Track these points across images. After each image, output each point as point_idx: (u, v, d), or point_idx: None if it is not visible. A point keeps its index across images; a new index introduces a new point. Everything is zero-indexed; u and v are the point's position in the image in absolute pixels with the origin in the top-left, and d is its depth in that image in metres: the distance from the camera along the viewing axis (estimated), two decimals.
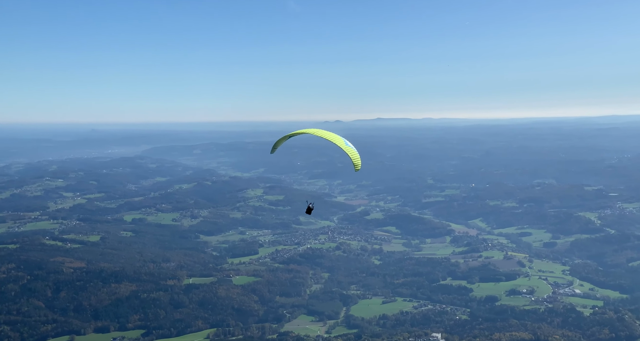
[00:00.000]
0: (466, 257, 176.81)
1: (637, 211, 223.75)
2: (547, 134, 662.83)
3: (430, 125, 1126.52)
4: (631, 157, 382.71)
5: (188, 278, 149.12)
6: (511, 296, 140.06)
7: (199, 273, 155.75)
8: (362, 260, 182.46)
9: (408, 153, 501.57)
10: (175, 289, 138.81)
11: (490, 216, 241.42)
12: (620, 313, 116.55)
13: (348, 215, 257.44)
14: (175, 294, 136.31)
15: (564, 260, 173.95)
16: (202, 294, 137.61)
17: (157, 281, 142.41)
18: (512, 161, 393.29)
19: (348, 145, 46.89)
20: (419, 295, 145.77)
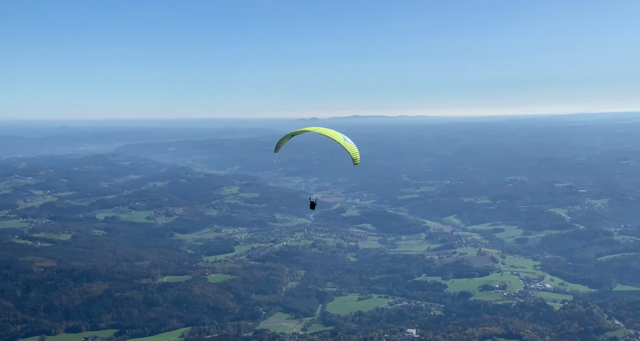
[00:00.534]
0: (441, 254, 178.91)
1: (605, 207, 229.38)
2: (519, 132, 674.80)
3: (405, 123, 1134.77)
4: (599, 154, 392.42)
5: (162, 277, 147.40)
6: (484, 292, 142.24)
7: (173, 272, 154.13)
8: (338, 257, 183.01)
9: (384, 150, 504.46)
10: (149, 288, 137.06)
11: (465, 213, 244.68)
12: (589, 307, 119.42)
13: (324, 212, 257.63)
14: (149, 293, 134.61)
15: (535, 256, 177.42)
16: (176, 293, 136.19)
17: (130, 280, 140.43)
18: (485, 158, 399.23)
19: (347, 140, 47.97)
20: (395, 292, 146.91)
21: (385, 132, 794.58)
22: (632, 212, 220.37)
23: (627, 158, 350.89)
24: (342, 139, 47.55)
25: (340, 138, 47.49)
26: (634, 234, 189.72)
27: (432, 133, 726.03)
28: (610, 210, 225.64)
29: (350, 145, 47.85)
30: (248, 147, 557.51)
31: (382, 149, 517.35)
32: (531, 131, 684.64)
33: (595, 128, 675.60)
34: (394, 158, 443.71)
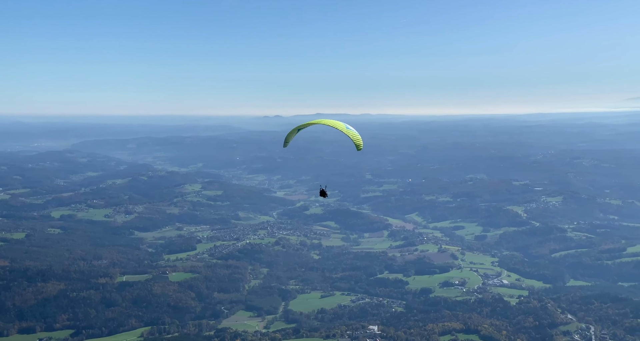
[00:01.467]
0: (403, 251, 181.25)
1: (559, 204, 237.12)
2: (478, 130, 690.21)
3: (368, 121, 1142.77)
4: (554, 153, 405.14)
5: (121, 276, 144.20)
6: (444, 288, 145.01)
7: (133, 271, 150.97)
8: (301, 254, 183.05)
9: (347, 148, 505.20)
10: (107, 287, 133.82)
11: (426, 210, 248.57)
12: (543, 302, 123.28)
13: (287, 210, 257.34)
14: (107, 292, 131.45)
15: (493, 252, 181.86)
16: (136, 292, 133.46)
17: (87, 280, 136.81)
18: (446, 156, 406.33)
19: (349, 128, 49.71)
20: (357, 289, 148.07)
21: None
22: (584, 210, 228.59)
23: (580, 158, 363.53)
24: (345, 128, 49.45)
25: (343, 127, 49.38)
26: (586, 231, 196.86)
27: (394, 131, 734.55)
28: (564, 207, 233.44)
29: (353, 132, 49.68)
30: (210, 144, 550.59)
31: (345, 147, 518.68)
32: (490, 130, 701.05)
33: (550, 128, 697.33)
34: (357, 157, 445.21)
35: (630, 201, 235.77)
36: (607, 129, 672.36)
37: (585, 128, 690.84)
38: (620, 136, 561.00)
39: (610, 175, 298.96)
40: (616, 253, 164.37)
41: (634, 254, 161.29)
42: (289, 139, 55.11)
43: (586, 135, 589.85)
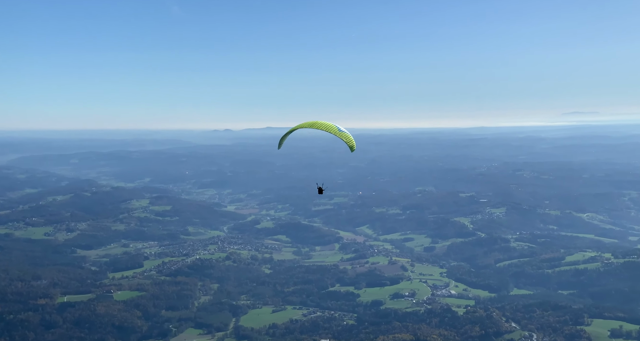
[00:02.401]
0: (354, 263, 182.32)
1: (503, 215, 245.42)
2: (426, 144, 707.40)
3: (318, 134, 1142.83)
4: (498, 166, 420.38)
5: (62, 296, 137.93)
6: (395, 300, 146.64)
7: (75, 291, 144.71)
8: (252, 269, 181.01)
9: (298, 162, 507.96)
10: (47, 308, 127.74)
11: (377, 223, 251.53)
12: (489, 311, 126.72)
13: (238, 224, 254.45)
14: (47, 314, 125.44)
15: (442, 263, 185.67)
16: (78, 312, 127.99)
17: (25, 301, 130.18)
18: (395, 169, 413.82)
19: (342, 130, 50.46)
20: (309, 303, 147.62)
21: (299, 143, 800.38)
22: (526, 220, 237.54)
23: (521, 170, 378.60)
24: (337, 130, 50.32)
25: (336, 130, 50.16)
26: (528, 241, 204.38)
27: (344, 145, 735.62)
28: (507, 218, 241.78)
29: (346, 134, 50.67)
30: (159, 158, 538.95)
31: (296, 160, 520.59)
32: (437, 143, 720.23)
33: (493, 141, 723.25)
34: (308, 170, 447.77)
35: (568, 211, 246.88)
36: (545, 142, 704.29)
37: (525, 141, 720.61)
38: (557, 149, 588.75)
39: (549, 187, 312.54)
40: (556, 262, 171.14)
41: (572, 263, 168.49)
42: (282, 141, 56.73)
43: (526, 148, 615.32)
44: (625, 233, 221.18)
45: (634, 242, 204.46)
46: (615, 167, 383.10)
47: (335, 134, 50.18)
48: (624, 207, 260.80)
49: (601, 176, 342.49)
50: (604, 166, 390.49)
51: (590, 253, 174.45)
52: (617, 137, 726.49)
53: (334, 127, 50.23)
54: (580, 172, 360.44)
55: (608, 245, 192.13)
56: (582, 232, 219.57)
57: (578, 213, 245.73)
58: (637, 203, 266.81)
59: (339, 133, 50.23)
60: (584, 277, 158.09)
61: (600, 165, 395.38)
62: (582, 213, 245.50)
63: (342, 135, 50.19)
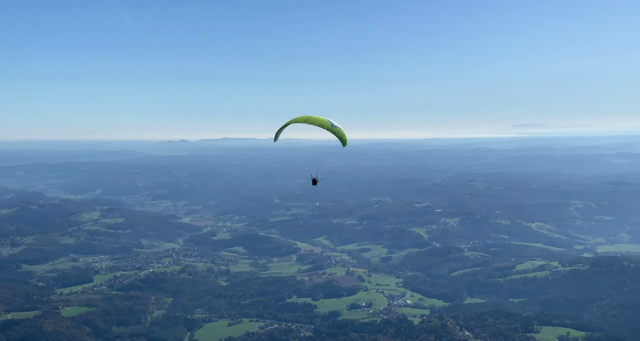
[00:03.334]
0: (311, 275, 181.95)
1: (457, 225, 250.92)
2: (382, 154, 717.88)
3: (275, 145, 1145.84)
4: (452, 176, 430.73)
5: (6, 314, 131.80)
6: (352, 310, 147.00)
7: (19, 307, 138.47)
8: (208, 282, 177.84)
9: (255, 173, 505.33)
10: None
11: (334, 233, 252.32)
12: (443, 320, 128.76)
13: (194, 236, 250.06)
14: None
15: (398, 273, 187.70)
16: (23, 330, 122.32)
17: None
18: (352, 180, 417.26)
19: (334, 126, 51.49)
20: (266, 315, 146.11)
21: (256, 154, 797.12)
22: (479, 230, 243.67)
23: (474, 180, 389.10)
24: (330, 126, 51.27)
25: (329, 125, 51.22)
26: (481, 250, 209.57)
27: (301, 155, 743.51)
28: (461, 228, 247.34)
29: (338, 129, 51.58)
30: (111, 170, 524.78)
31: (253, 172, 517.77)
32: (393, 154, 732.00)
33: (447, 152, 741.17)
34: (265, 181, 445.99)
35: (518, 221, 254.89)
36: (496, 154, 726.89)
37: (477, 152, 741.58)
38: (507, 160, 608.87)
39: (500, 197, 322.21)
40: (507, 271, 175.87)
41: (522, 271, 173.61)
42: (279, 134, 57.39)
43: (479, 159, 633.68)
44: (571, 241, 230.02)
45: (579, 251, 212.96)
46: (561, 178, 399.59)
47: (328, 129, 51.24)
48: (570, 217, 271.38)
49: (548, 187, 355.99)
50: (551, 177, 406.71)
51: (539, 261, 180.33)
52: (563, 149, 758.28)
53: (327, 122, 51.43)
54: (529, 183, 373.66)
55: (556, 254, 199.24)
56: (531, 241, 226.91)
57: (527, 222, 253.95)
58: (582, 212, 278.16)
59: (331, 129, 51.26)
60: (533, 285, 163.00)
61: (548, 176, 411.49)
62: (531, 223, 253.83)
63: (334, 130, 51.30)
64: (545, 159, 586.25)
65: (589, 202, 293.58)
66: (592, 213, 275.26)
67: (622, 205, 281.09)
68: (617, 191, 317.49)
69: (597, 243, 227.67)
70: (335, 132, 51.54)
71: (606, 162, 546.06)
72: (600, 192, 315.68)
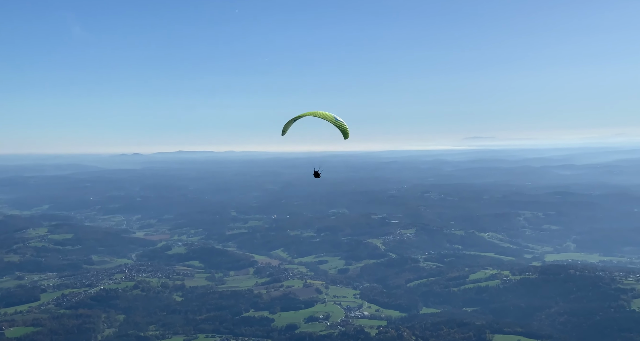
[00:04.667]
0: (268, 288, 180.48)
1: (412, 236, 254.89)
2: (339, 167, 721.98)
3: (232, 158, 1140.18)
4: (407, 188, 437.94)
5: None
6: (309, 323, 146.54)
7: None
8: (162, 297, 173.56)
9: (211, 186, 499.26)
10: None
11: (291, 246, 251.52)
12: (399, 330, 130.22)
13: (148, 251, 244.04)
14: None
15: (355, 285, 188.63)
16: None
17: None
18: (310, 192, 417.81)
19: (338, 119, 55.58)
20: (222, 330, 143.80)
21: (213, 167, 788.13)
22: (434, 240, 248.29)
23: (429, 191, 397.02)
24: (334, 119, 55.41)
25: (332, 118, 55.27)
26: (436, 260, 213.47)
27: (259, 168, 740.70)
28: (416, 238, 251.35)
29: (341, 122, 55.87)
30: (60, 184, 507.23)
31: (209, 184, 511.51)
32: (350, 166, 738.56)
33: (403, 164, 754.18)
34: (222, 194, 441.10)
35: (471, 231, 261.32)
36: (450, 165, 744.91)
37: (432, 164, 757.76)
38: (461, 171, 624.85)
39: (454, 208, 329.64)
40: (461, 281, 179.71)
41: (475, 281, 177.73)
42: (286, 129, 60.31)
43: (433, 170, 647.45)
44: (521, 251, 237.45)
45: (529, 260, 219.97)
46: (511, 189, 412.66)
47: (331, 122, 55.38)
48: (519, 227, 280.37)
49: (499, 197, 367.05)
50: (502, 188, 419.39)
51: (491, 271, 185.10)
52: (512, 161, 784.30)
53: (331, 116, 55.62)
54: (482, 194, 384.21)
55: (506, 263, 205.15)
56: (483, 250, 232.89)
57: (480, 232, 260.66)
58: (531, 222, 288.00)
59: (334, 122, 55.39)
60: (485, 294, 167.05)
61: (499, 187, 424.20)
62: (483, 233, 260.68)
63: (337, 123, 55.58)
64: (496, 170, 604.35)
65: (537, 212, 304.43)
66: (540, 223, 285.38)
67: (568, 214, 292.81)
68: (563, 201, 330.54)
69: (545, 252, 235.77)
70: (338, 125, 55.63)
71: (553, 174, 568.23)
72: (547, 203, 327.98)
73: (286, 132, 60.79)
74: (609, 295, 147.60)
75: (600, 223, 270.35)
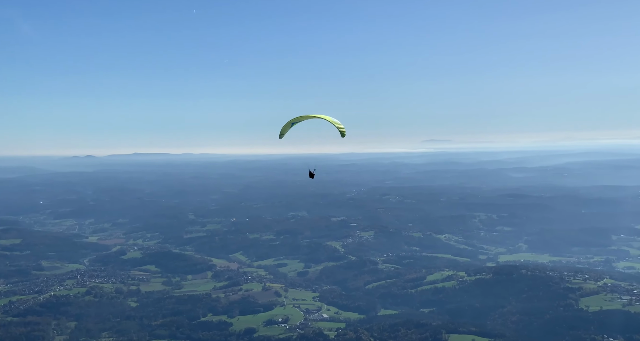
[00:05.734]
0: (227, 291, 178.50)
1: (371, 238, 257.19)
2: (299, 169, 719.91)
3: (190, 161, 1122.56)
4: (366, 190, 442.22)
5: None
6: (268, 327, 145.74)
7: None
8: (116, 303, 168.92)
9: (168, 189, 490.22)
10: None
11: (250, 249, 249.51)
12: (358, 332, 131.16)
13: (101, 255, 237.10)
14: None
15: (315, 287, 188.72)
16: None
17: None
18: (269, 195, 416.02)
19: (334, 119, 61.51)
20: (178, 335, 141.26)
21: (170, 169, 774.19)
22: (392, 242, 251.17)
23: (387, 194, 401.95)
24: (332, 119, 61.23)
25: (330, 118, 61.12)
26: (394, 262, 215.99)
27: (217, 170, 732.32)
28: (375, 241, 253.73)
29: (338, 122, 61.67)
30: (7, 188, 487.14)
31: (166, 187, 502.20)
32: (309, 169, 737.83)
33: (362, 167, 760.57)
34: (180, 197, 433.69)
35: (429, 233, 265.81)
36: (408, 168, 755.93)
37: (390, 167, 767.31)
38: (418, 174, 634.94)
39: (412, 210, 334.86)
40: (418, 282, 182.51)
41: (432, 282, 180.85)
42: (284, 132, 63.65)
43: (392, 173, 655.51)
44: (476, 252, 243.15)
45: (483, 260, 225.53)
46: (466, 191, 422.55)
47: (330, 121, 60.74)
48: (474, 228, 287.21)
49: (456, 199, 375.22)
50: (458, 190, 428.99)
51: (447, 272, 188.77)
52: (468, 163, 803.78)
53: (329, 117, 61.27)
54: (439, 196, 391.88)
55: (462, 264, 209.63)
56: (440, 252, 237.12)
57: (437, 234, 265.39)
58: (485, 224, 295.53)
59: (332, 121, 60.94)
60: (442, 295, 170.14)
61: (455, 189, 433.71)
62: (440, 235, 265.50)
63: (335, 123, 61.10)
64: (453, 173, 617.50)
65: (491, 213, 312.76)
66: (494, 225, 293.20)
67: (520, 216, 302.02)
68: (516, 203, 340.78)
69: (498, 252, 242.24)
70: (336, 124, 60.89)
71: (506, 176, 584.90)
72: (501, 204, 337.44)
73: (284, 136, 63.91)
74: (558, 294, 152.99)
75: (550, 225, 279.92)
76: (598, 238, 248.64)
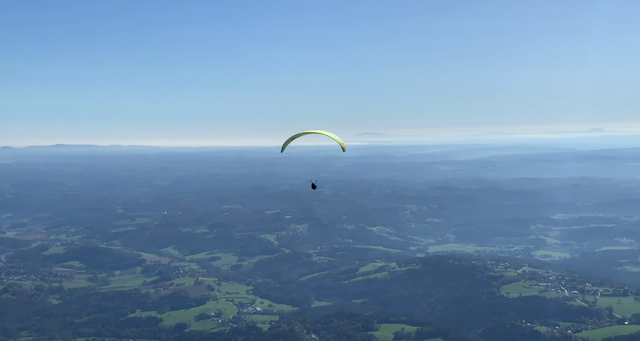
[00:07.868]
0: (157, 286, 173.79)
1: (305, 231, 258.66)
2: (232, 162, 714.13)
3: (118, 153, 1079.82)
4: (301, 183, 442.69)
5: None
6: (200, 321, 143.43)
7: None
8: (37, 301, 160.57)
9: (95, 181, 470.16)
10: None
11: (183, 243, 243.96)
12: (291, 324, 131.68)
13: (20, 251, 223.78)
14: None
15: (248, 281, 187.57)
16: None
17: None
18: (202, 188, 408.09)
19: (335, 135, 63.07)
20: (105, 333, 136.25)
21: (96, 162, 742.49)
22: (326, 235, 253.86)
23: (322, 187, 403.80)
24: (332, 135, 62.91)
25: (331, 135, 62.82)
26: (328, 255, 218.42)
27: (148, 163, 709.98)
28: (309, 233, 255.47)
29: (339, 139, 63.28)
30: None
31: (93, 180, 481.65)
32: (244, 161, 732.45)
33: (297, 160, 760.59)
34: (107, 190, 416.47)
35: (362, 225, 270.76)
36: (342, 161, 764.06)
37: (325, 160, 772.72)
38: (352, 167, 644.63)
39: (345, 203, 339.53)
40: (351, 274, 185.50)
41: (364, 273, 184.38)
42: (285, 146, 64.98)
43: (326, 166, 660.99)
44: (407, 243, 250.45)
45: (414, 251, 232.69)
46: (398, 184, 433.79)
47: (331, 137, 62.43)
48: (406, 220, 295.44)
49: (388, 192, 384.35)
50: (390, 183, 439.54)
51: (379, 263, 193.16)
52: (399, 157, 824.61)
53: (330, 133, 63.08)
54: (371, 189, 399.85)
55: (394, 255, 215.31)
56: (373, 244, 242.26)
57: (370, 227, 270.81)
58: (416, 216, 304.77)
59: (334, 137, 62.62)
60: (374, 286, 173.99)
61: (387, 182, 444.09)
62: (373, 227, 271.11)
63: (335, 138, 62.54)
64: (385, 166, 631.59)
65: (422, 205, 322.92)
66: (424, 216, 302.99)
67: (448, 208, 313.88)
68: (444, 195, 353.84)
69: (428, 243, 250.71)
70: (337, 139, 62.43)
71: (435, 169, 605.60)
72: (430, 197, 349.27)
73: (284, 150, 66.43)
74: (482, 282, 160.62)
75: (475, 216, 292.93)
76: (518, 228, 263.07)
